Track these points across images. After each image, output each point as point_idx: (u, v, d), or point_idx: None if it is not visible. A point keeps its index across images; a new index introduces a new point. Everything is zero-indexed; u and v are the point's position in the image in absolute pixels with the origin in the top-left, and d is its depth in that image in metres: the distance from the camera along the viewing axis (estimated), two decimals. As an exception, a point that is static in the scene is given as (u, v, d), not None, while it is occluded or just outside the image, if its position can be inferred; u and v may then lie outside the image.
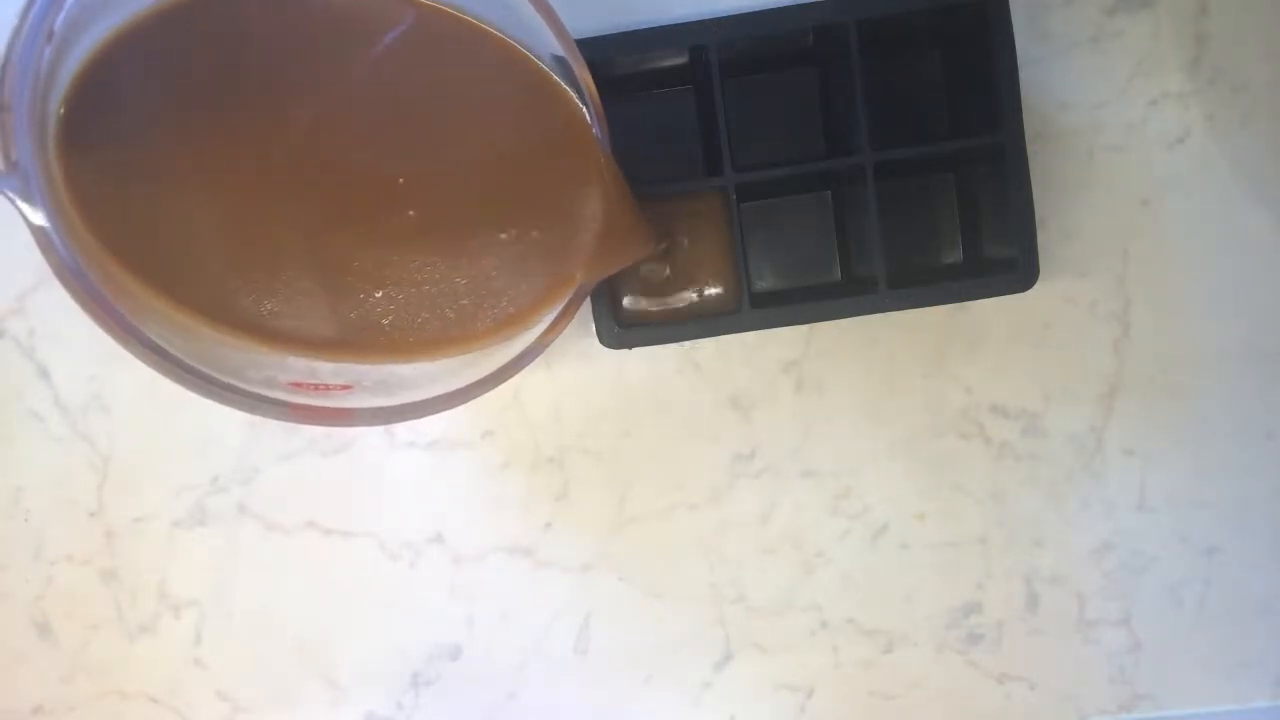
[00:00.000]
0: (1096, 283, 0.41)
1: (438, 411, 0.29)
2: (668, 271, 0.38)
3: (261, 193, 0.30)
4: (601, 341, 0.37)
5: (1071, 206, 0.40)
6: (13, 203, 0.24)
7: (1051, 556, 0.42)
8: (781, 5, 0.36)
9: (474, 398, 0.29)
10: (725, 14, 0.36)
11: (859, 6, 0.36)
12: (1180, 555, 0.42)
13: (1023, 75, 0.36)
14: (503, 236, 0.32)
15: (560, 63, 0.31)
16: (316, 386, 0.29)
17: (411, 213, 0.31)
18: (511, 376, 0.30)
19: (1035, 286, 0.36)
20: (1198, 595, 0.42)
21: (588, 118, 0.32)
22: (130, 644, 0.44)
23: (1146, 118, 0.40)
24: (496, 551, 0.43)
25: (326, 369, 0.30)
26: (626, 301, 0.38)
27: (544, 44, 0.31)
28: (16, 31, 0.24)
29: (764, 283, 0.41)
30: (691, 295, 0.38)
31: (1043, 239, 0.38)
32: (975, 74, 0.37)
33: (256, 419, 0.42)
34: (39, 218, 0.24)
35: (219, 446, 0.43)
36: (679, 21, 0.36)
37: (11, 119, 0.24)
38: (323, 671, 0.44)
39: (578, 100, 0.32)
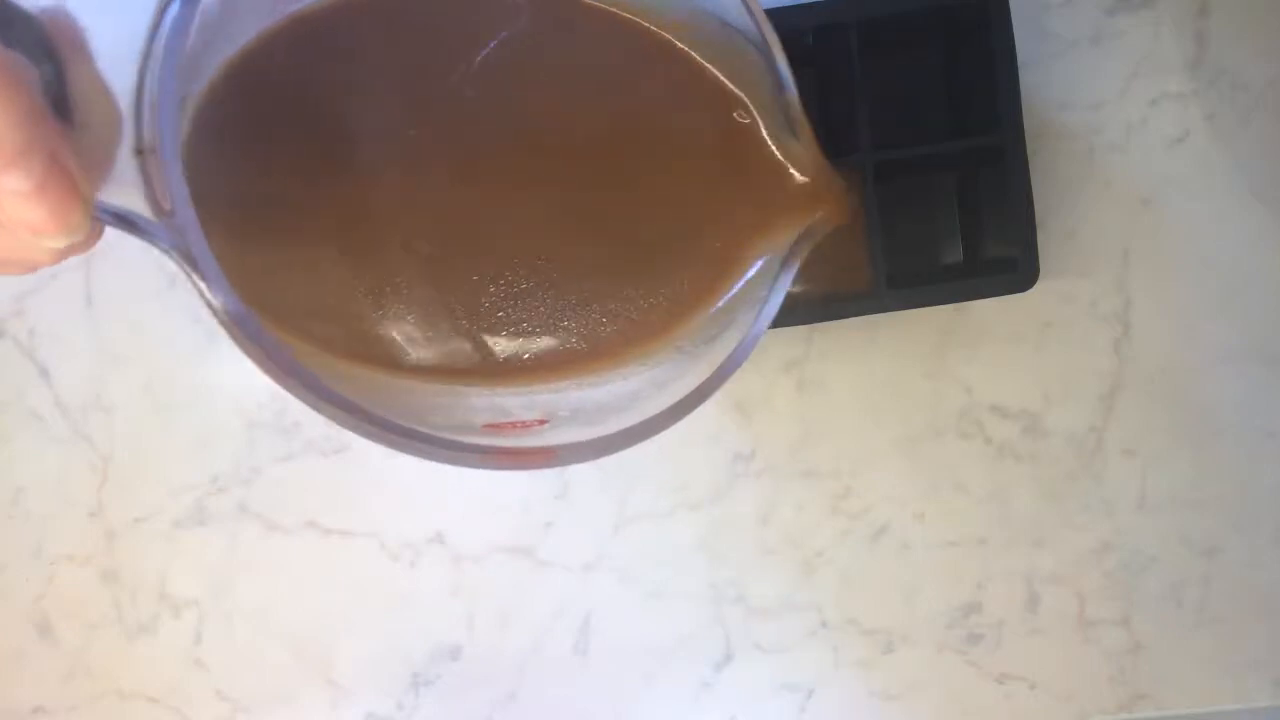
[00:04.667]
0: (1096, 283, 0.41)
1: (650, 436, 0.25)
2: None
3: (384, 215, 0.27)
4: (601, 341, 0.37)
5: (1071, 206, 0.40)
6: (182, 269, 0.20)
7: (1051, 556, 0.42)
8: (781, 5, 0.36)
9: (686, 413, 0.25)
10: (725, 14, 0.36)
11: (859, 6, 0.35)
12: (1180, 555, 0.42)
13: (1023, 75, 0.36)
14: (661, 217, 0.29)
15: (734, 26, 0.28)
16: (514, 425, 0.26)
17: (559, 205, 0.28)
18: (724, 381, 0.25)
19: (1035, 286, 0.36)
20: (1198, 595, 0.42)
21: (778, 72, 0.28)
22: (130, 644, 0.44)
23: (1146, 118, 0.40)
24: (496, 551, 0.43)
25: (513, 403, 0.27)
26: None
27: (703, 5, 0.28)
28: (152, 54, 0.20)
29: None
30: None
31: (1043, 239, 0.38)
32: (975, 74, 0.37)
33: (256, 419, 0.42)
34: (215, 292, 0.20)
35: (219, 446, 0.43)
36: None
37: (159, 159, 0.19)
38: (323, 671, 0.44)
39: (761, 57, 0.28)
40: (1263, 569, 0.42)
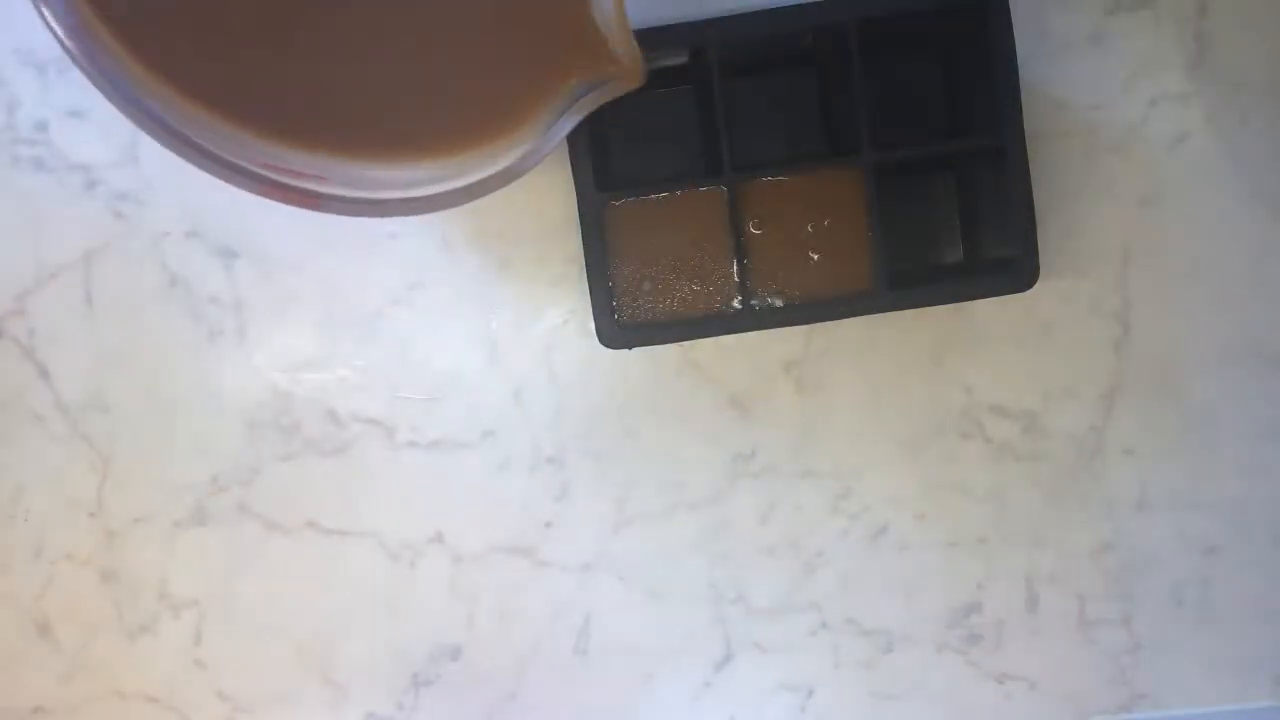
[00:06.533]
0: (1096, 283, 0.41)
1: (416, 212, 0.28)
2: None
3: None
4: (601, 341, 0.37)
5: (1071, 206, 0.40)
6: None
7: (1051, 556, 0.42)
8: (781, 5, 0.36)
9: (442, 207, 0.28)
10: (725, 14, 0.36)
11: (859, 6, 0.35)
12: (1180, 555, 0.42)
13: (1023, 75, 0.36)
14: (475, 29, 0.30)
15: None
16: (290, 170, 0.28)
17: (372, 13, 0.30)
18: (490, 191, 0.28)
19: (1035, 286, 0.36)
20: (1198, 595, 0.42)
21: None
22: (130, 644, 0.44)
23: (1146, 118, 0.40)
24: (496, 551, 0.43)
25: (294, 157, 0.29)
26: (624, 303, 0.38)
27: None
28: None
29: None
30: (691, 293, 0.38)
31: (1043, 239, 0.38)
32: (975, 74, 0.37)
33: (256, 419, 0.42)
34: None
35: (219, 446, 0.43)
36: (678, 21, 0.36)
37: None
38: (323, 671, 0.44)
39: None
40: (1263, 569, 0.42)
